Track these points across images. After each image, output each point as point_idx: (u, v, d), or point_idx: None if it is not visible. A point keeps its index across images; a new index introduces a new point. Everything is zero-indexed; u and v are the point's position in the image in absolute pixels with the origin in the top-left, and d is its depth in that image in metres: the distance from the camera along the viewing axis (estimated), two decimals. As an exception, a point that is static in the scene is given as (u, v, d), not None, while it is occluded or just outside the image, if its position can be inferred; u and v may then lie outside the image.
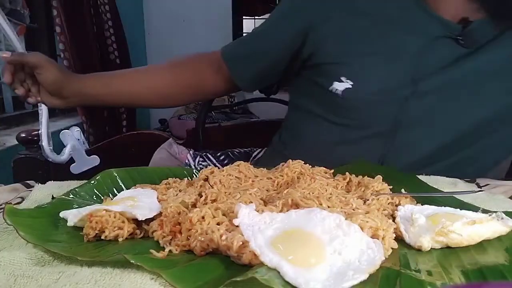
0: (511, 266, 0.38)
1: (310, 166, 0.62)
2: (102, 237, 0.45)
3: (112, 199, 0.55)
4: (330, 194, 0.52)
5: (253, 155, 1.09)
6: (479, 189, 0.64)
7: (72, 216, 0.47)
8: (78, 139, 0.82)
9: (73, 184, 0.64)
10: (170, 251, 0.41)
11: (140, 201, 0.51)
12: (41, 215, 0.50)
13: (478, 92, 0.74)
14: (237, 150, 1.11)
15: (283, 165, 0.62)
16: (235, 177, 0.59)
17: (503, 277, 0.36)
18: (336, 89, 0.75)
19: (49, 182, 0.67)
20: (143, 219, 0.47)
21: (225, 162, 1.04)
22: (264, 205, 0.49)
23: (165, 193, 0.55)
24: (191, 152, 1.07)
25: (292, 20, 0.81)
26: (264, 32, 0.85)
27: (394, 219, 0.46)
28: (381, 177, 0.56)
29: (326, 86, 0.76)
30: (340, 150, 0.79)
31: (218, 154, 1.08)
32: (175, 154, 1.12)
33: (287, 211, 0.45)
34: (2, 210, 0.50)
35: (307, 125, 0.85)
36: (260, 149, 1.10)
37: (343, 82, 0.75)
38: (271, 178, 0.60)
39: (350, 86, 0.74)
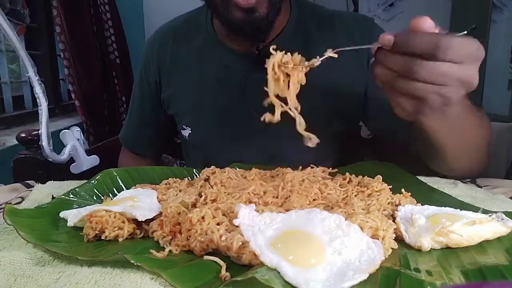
0: (511, 266, 0.38)
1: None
2: (102, 237, 0.45)
3: (112, 199, 0.55)
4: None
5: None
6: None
7: (72, 216, 0.47)
8: (78, 139, 0.82)
9: (73, 184, 0.64)
10: (170, 251, 0.41)
11: (140, 201, 0.51)
12: (41, 215, 0.50)
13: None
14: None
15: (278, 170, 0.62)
16: (236, 177, 0.59)
17: (503, 277, 0.36)
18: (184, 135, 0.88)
19: (49, 182, 0.67)
20: (143, 220, 0.47)
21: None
22: (264, 205, 0.49)
23: (165, 193, 0.55)
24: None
25: (146, 84, 0.90)
26: (137, 105, 0.94)
27: (394, 219, 0.46)
28: (381, 177, 0.56)
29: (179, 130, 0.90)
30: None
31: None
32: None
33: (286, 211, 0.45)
34: (2, 210, 0.50)
35: None
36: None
37: (185, 129, 0.87)
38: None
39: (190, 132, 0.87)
